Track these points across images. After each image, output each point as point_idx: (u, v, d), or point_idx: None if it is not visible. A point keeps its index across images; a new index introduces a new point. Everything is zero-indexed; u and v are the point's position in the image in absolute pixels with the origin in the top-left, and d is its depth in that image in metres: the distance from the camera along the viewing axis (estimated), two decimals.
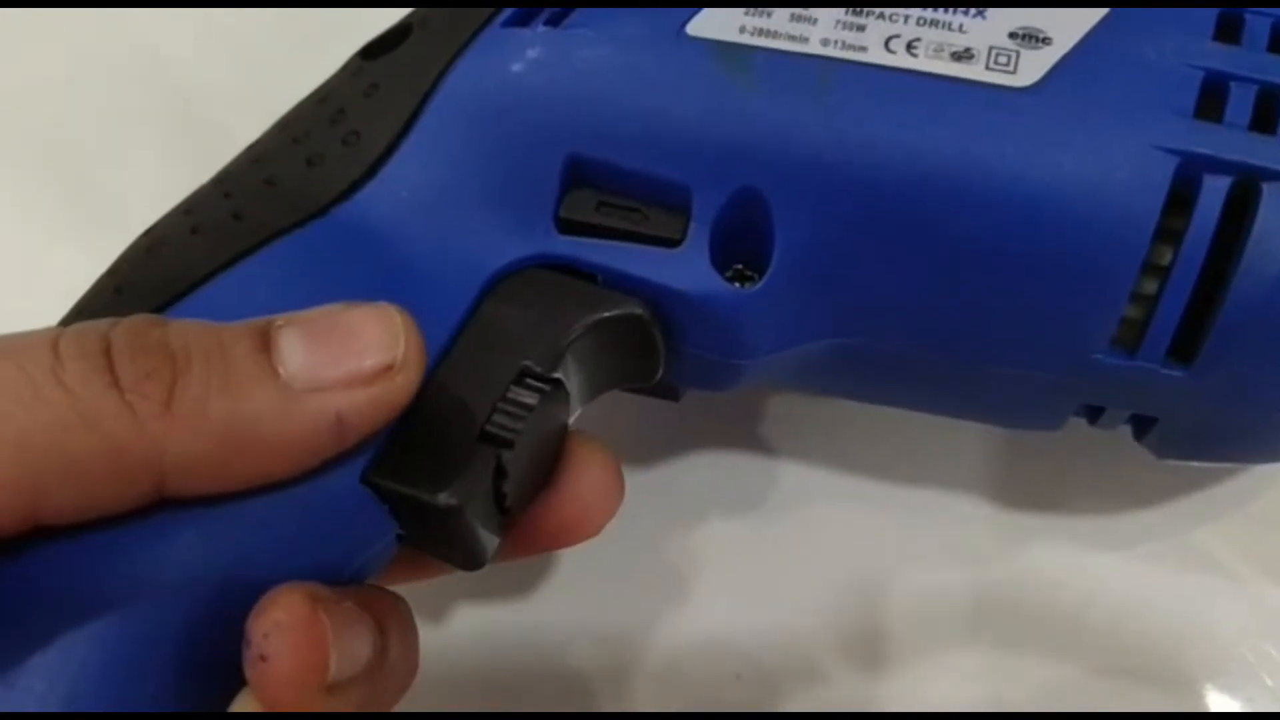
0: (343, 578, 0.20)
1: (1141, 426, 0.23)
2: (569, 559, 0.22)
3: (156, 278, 0.21)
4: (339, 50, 0.30)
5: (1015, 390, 0.23)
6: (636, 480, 0.29)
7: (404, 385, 0.18)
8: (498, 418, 0.20)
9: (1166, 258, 0.20)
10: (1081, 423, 0.24)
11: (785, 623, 0.27)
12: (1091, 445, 0.26)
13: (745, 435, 0.29)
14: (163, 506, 0.18)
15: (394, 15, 0.26)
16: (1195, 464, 0.25)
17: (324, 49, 0.34)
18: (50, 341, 0.17)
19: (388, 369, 0.18)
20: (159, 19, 0.37)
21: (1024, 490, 0.29)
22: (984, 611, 0.27)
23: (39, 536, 0.17)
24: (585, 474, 0.22)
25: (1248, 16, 0.21)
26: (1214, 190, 0.20)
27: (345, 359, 0.18)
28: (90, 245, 0.32)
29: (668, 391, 0.25)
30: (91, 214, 0.33)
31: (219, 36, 0.36)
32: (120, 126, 0.35)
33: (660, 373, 0.23)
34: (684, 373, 0.23)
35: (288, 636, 0.17)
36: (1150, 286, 0.21)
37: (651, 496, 0.29)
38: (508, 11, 0.22)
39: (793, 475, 0.29)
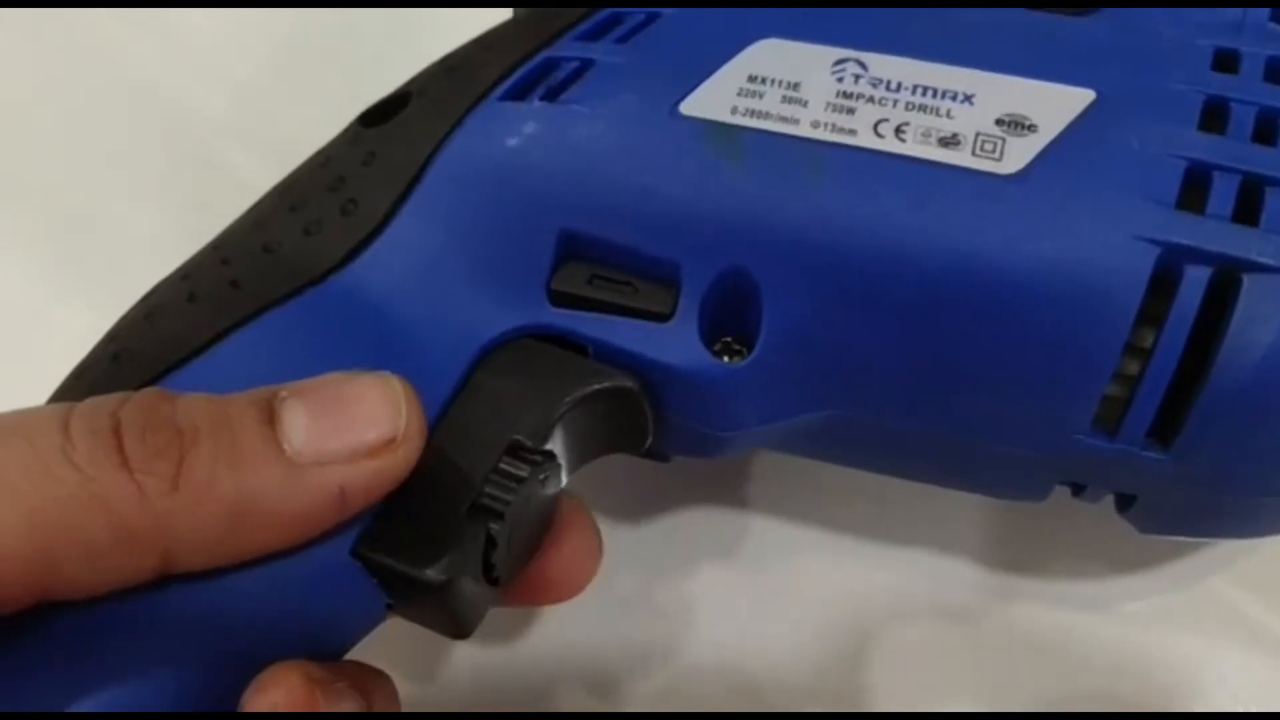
0: (333, 646, 0.20)
1: (1124, 501, 0.24)
2: (557, 608, 0.23)
3: (154, 346, 0.21)
4: (339, 87, 0.31)
5: (999, 465, 0.23)
6: (627, 533, 0.29)
7: (405, 457, 0.19)
8: (488, 491, 0.20)
9: (1148, 340, 0.21)
10: (1068, 490, 0.24)
11: (770, 677, 0.28)
12: (1080, 507, 0.27)
13: (735, 490, 0.30)
14: (166, 581, 0.18)
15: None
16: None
17: (324, 87, 0.35)
18: (61, 420, 0.17)
19: (390, 441, 0.18)
20: (159, 58, 0.37)
21: (1013, 549, 0.29)
22: (970, 668, 0.28)
23: (47, 610, 0.17)
24: (572, 535, 0.22)
25: (1233, 105, 0.21)
26: (1194, 280, 0.20)
27: (349, 432, 0.18)
28: (92, 295, 0.33)
29: (657, 455, 0.25)
30: (95, 260, 0.34)
31: (220, 75, 0.37)
32: (121, 169, 0.35)
33: (649, 442, 0.23)
34: (673, 441, 0.24)
35: None
36: (1132, 367, 0.21)
37: (642, 549, 0.29)
38: (505, 84, 0.23)
39: (781, 530, 0.29)
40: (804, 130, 0.21)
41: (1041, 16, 0.22)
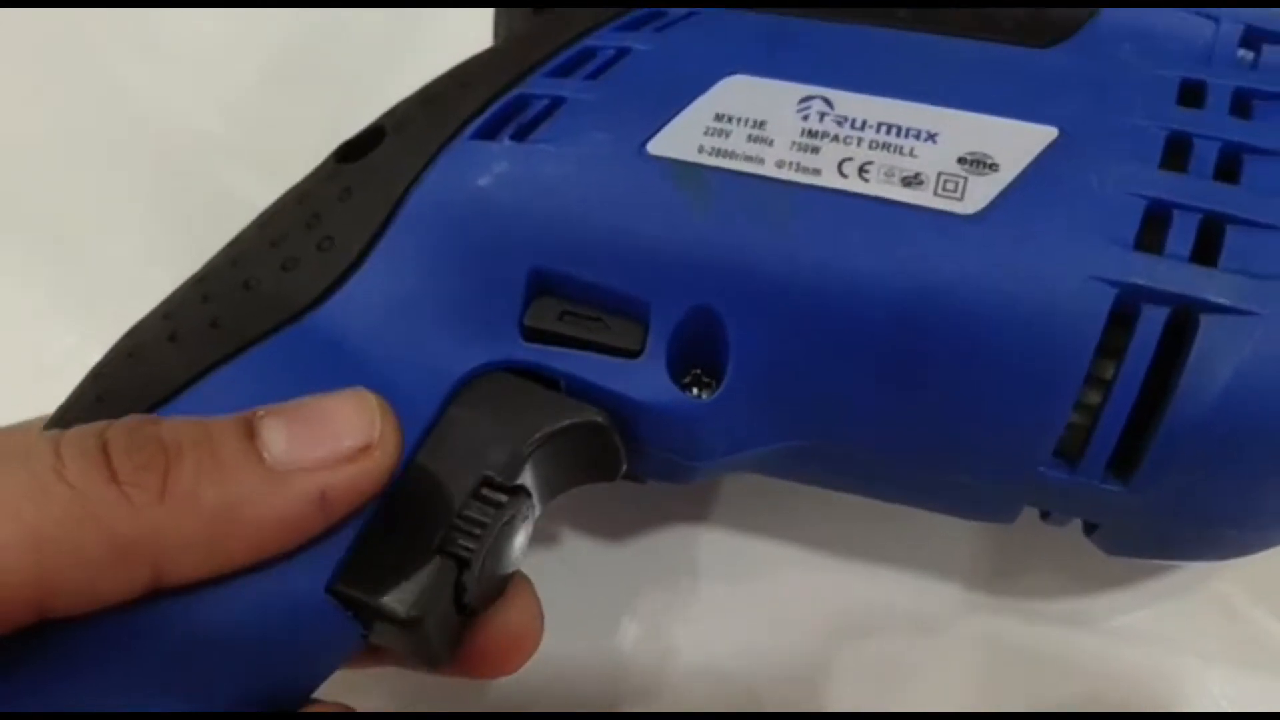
0: (313, 673, 0.21)
1: (1090, 526, 0.24)
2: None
3: (136, 386, 0.22)
4: (331, 102, 0.31)
5: (966, 492, 0.23)
6: (606, 550, 0.30)
7: (383, 462, 0.20)
8: (459, 524, 0.21)
9: (1109, 372, 0.21)
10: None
11: (751, 693, 0.28)
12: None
13: (714, 506, 0.30)
14: (155, 601, 0.19)
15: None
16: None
17: (316, 103, 0.35)
18: (53, 444, 0.18)
19: (366, 448, 0.19)
20: (149, 72, 0.37)
21: (995, 563, 0.29)
22: (953, 680, 0.28)
23: (42, 630, 0.18)
24: (514, 609, 0.23)
25: (1196, 141, 0.21)
26: (1151, 319, 0.20)
27: (325, 440, 0.19)
28: (78, 313, 0.33)
29: (631, 477, 0.26)
30: (82, 277, 0.34)
31: (211, 90, 0.37)
32: (110, 183, 0.36)
33: (622, 472, 0.24)
34: (645, 469, 0.24)
35: None
36: (1093, 397, 0.21)
37: (621, 565, 0.30)
38: (477, 121, 0.23)
39: (761, 546, 0.30)
40: (769, 170, 0.22)
41: (1008, 50, 0.23)
